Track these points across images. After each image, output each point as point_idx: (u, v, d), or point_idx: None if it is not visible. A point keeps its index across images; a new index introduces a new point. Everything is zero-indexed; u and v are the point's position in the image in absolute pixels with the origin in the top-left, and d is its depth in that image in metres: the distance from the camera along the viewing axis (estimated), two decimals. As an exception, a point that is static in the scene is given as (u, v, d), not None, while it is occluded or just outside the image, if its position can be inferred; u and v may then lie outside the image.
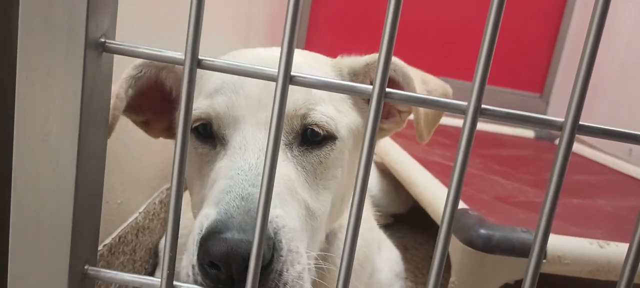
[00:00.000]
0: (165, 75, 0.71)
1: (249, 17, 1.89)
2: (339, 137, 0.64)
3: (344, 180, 0.67)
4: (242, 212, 0.51)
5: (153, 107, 0.74)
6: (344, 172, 0.67)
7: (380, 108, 0.36)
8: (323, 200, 0.64)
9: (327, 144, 0.64)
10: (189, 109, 0.38)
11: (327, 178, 0.64)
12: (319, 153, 0.63)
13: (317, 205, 0.62)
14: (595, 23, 0.34)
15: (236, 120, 0.61)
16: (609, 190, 1.68)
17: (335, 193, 0.66)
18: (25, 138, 0.39)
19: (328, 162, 0.64)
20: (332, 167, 0.65)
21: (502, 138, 2.24)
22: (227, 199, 0.53)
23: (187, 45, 0.37)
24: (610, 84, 2.53)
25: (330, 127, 0.63)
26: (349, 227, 0.38)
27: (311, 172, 0.63)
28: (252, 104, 0.61)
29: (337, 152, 0.65)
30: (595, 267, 1.00)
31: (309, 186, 0.62)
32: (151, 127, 0.77)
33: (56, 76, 0.38)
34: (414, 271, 1.41)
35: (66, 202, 0.40)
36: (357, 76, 0.71)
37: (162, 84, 0.72)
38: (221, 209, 0.52)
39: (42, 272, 0.41)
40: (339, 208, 0.71)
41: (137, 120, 0.76)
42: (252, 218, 0.50)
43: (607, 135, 0.37)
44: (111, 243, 0.93)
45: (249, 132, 0.60)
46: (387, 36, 0.35)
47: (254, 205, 0.51)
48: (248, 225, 0.49)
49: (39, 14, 0.37)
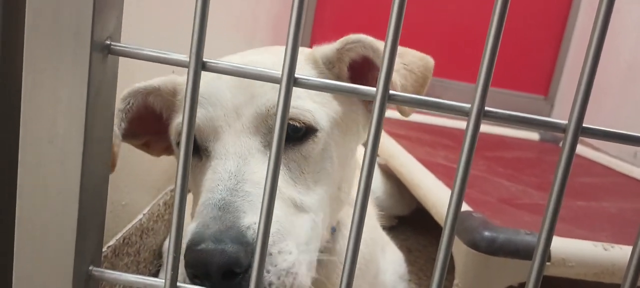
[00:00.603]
0: (152, 100, 0.73)
1: (254, 19, 1.90)
2: (320, 128, 0.64)
3: (336, 171, 0.67)
4: (217, 221, 0.52)
5: (149, 130, 0.76)
6: (333, 163, 0.66)
7: (384, 111, 0.36)
8: (315, 194, 0.63)
9: (309, 138, 0.63)
10: (193, 111, 0.38)
11: (315, 172, 0.64)
12: (300, 148, 0.63)
13: (308, 200, 0.62)
14: (598, 24, 0.34)
15: (216, 131, 0.62)
16: (613, 192, 1.67)
17: (329, 186, 0.65)
18: (31, 139, 0.39)
19: (313, 156, 0.63)
20: (318, 160, 0.64)
21: (506, 140, 2.23)
22: (205, 211, 0.54)
23: (192, 47, 0.37)
24: (615, 86, 2.52)
25: (308, 119, 0.62)
26: (352, 227, 0.38)
27: (295, 168, 0.62)
28: (228, 114, 0.62)
29: (321, 145, 0.64)
30: (599, 269, 1.00)
31: (294, 183, 0.62)
32: (152, 148, 0.80)
33: (62, 78, 0.38)
34: (417, 273, 1.41)
35: (71, 203, 0.40)
36: (332, 63, 0.71)
37: (152, 108, 0.73)
38: (199, 222, 0.53)
39: (47, 272, 0.42)
40: (338, 198, 0.70)
41: (136, 144, 0.79)
42: (226, 226, 0.51)
43: (611, 137, 0.37)
44: (115, 245, 0.93)
45: (229, 142, 0.61)
46: (391, 37, 0.35)
47: (230, 214, 0.52)
48: (222, 234, 0.50)
49: (45, 16, 0.37)
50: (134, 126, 0.73)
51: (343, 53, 0.70)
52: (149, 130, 0.76)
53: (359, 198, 0.38)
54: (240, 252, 0.49)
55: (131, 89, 0.71)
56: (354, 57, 0.70)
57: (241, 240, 0.50)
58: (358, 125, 0.72)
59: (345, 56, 0.70)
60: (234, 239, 0.50)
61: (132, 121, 0.72)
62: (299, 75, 0.37)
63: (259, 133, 0.62)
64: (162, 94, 0.72)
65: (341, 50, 0.70)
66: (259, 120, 0.61)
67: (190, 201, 0.68)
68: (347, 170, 0.70)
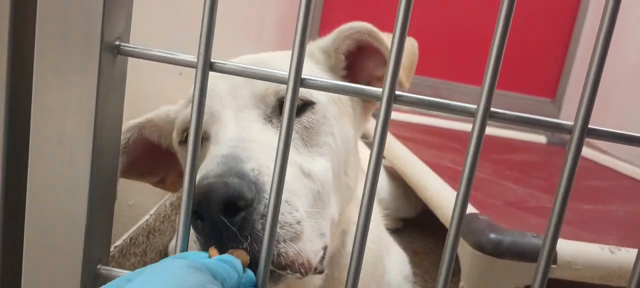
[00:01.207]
0: (148, 133, 0.74)
1: (261, 20, 1.90)
2: (317, 101, 0.64)
3: (339, 148, 0.66)
4: (221, 165, 0.51)
5: (158, 164, 0.78)
6: (336, 139, 0.66)
7: (390, 111, 0.36)
8: (320, 165, 0.63)
9: (307, 110, 0.64)
10: (201, 112, 0.39)
11: (319, 145, 0.64)
12: (300, 119, 0.63)
13: (314, 167, 0.61)
14: (605, 25, 0.34)
15: (213, 116, 0.62)
16: (620, 195, 1.66)
17: (333, 162, 0.65)
18: (41, 139, 0.40)
19: (313, 126, 0.63)
20: (320, 132, 0.64)
21: (513, 143, 2.23)
22: (209, 161, 0.53)
23: (200, 48, 0.37)
24: (623, 88, 2.51)
25: (304, 94, 0.63)
26: (358, 227, 0.38)
27: (298, 139, 0.63)
28: (224, 97, 0.62)
29: (319, 116, 0.64)
30: (606, 272, 1.00)
31: (298, 152, 0.62)
32: (167, 184, 0.81)
33: (72, 78, 0.39)
34: (423, 276, 1.41)
35: (80, 203, 0.41)
36: (329, 54, 0.72)
37: (150, 140, 0.74)
38: (203, 169, 0.52)
39: (56, 270, 0.42)
40: (346, 184, 0.69)
41: (153, 182, 0.80)
42: (230, 166, 0.50)
43: (617, 138, 0.37)
44: (122, 245, 0.94)
45: (228, 118, 0.61)
46: (397, 40, 0.35)
47: (234, 162, 0.51)
48: (225, 172, 0.49)
49: (55, 17, 0.38)
50: (142, 164, 0.75)
51: (338, 42, 0.71)
52: (158, 164, 0.78)
53: (365, 199, 0.38)
54: (242, 184, 0.48)
55: (126, 126, 0.72)
56: (350, 45, 0.71)
57: (243, 176, 0.49)
58: (354, 110, 0.73)
59: (342, 44, 0.71)
60: (236, 174, 0.49)
61: (138, 158, 0.73)
62: (306, 76, 0.37)
63: (257, 108, 0.62)
64: (157, 123, 0.73)
65: (336, 40, 0.71)
66: (256, 98, 0.62)
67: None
68: (350, 155, 0.70)
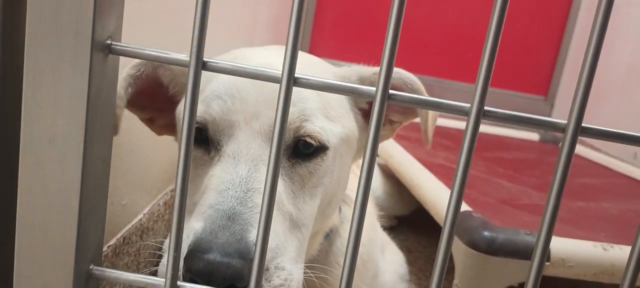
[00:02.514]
0: (162, 72, 0.72)
1: (254, 19, 1.90)
2: (331, 146, 0.64)
3: (331, 186, 0.68)
4: (226, 232, 0.52)
5: (155, 104, 0.76)
6: (332, 178, 0.67)
7: (383, 111, 0.36)
8: (308, 209, 0.64)
9: (318, 155, 0.64)
10: (194, 111, 0.39)
11: (315, 186, 0.64)
12: (308, 165, 0.63)
13: (301, 216, 0.62)
14: (598, 24, 0.34)
15: (231, 126, 0.61)
16: (613, 193, 1.67)
17: (322, 201, 0.66)
18: (32, 139, 0.39)
19: (318, 171, 0.64)
20: (321, 176, 0.65)
21: (506, 141, 2.23)
22: (214, 217, 0.53)
23: (192, 47, 0.37)
24: (616, 87, 2.52)
25: (323, 138, 0.63)
26: (352, 226, 0.38)
27: (298, 182, 0.63)
28: (247, 110, 0.61)
29: (327, 163, 0.65)
30: (599, 269, 1.00)
31: (294, 196, 0.62)
32: (155, 124, 0.80)
33: (63, 77, 0.38)
34: (417, 273, 1.41)
35: (72, 203, 0.40)
36: (363, 82, 0.73)
37: (160, 81, 0.73)
38: (206, 226, 0.53)
39: (48, 271, 0.42)
40: (325, 212, 0.70)
41: (142, 117, 0.79)
42: (235, 239, 0.51)
43: (610, 137, 0.37)
44: (115, 244, 0.93)
45: (243, 141, 0.60)
46: (391, 38, 0.35)
47: (239, 226, 0.52)
48: (231, 246, 0.50)
49: (46, 16, 0.37)
50: (141, 98, 0.73)
51: (375, 79, 0.73)
52: (155, 104, 0.76)
53: (358, 198, 0.38)
54: (245, 267, 0.49)
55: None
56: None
57: (247, 256, 0.50)
58: (360, 143, 0.73)
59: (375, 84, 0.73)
60: (242, 254, 0.50)
61: (141, 91, 0.72)
62: (300, 75, 0.37)
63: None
64: (173, 69, 0.72)
65: (376, 75, 0.73)
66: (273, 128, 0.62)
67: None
68: (340, 188, 0.71)
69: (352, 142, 0.71)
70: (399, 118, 0.78)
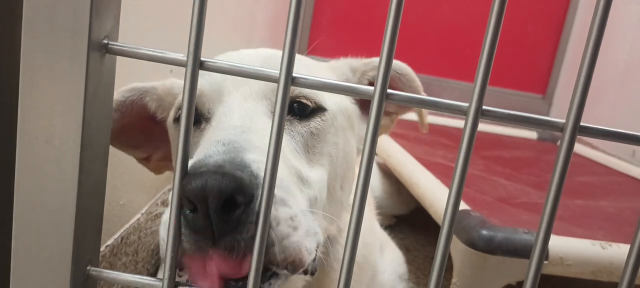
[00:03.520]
0: (148, 99, 0.72)
1: (252, 18, 1.89)
2: (328, 109, 0.64)
3: (339, 161, 0.65)
4: (220, 153, 0.48)
5: (147, 140, 0.77)
6: (338, 152, 0.65)
7: (382, 109, 0.36)
8: (317, 173, 0.61)
9: (317, 115, 0.63)
10: (191, 110, 0.38)
11: (320, 154, 0.62)
12: (308, 123, 0.62)
13: (311, 175, 0.59)
14: (596, 23, 0.34)
15: (221, 94, 0.59)
16: (611, 191, 1.67)
17: (330, 175, 0.63)
18: (29, 138, 0.39)
19: (320, 133, 0.62)
20: (325, 141, 0.63)
21: (504, 139, 2.24)
22: (208, 145, 0.50)
23: (190, 46, 0.37)
24: (614, 85, 2.53)
25: (318, 97, 0.63)
26: (350, 229, 0.38)
27: (301, 142, 0.61)
28: (237, 79, 0.59)
29: (328, 124, 0.63)
30: (597, 268, 1.00)
31: (299, 156, 0.60)
32: (151, 162, 0.80)
33: (59, 77, 0.38)
34: (415, 272, 1.41)
35: (69, 203, 0.40)
36: (355, 73, 0.74)
37: (147, 109, 0.73)
38: (201, 153, 0.49)
39: (45, 272, 0.42)
40: (339, 197, 0.67)
41: (138, 157, 0.79)
42: (231, 158, 0.47)
43: (608, 136, 0.37)
44: (113, 244, 0.93)
45: (235, 102, 0.58)
46: (389, 37, 0.35)
47: (235, 153, 0.48)
48: (226, 163, 0.46)
49: (42, 15, 0.37)
50: (132, 134, 0.73)
51: (368, 69, 0.74)
52: (147, 140, 0.77)
53: (357, 197, 0.38)
54: (243, 177, 0.44)
55: (129, 85, 0.72)
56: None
57: (244, 168, 0.46)
58: (359, 129, 0.73)
59: (371, 72, 0.74)
60: (238, 167, 0.46)
61: (131, 126, 0.72)
62: (297, 74, 0.37)
63: (266, 99, 0.60)
64: (159, 93, 0.72)
65: (368, 65, 0.74)
66: (267, 88, 0.60)
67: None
68: (348, 171, 0.69)
69: (351, 118, 0.70)
70: (395, 108, 0.78)
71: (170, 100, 0.71)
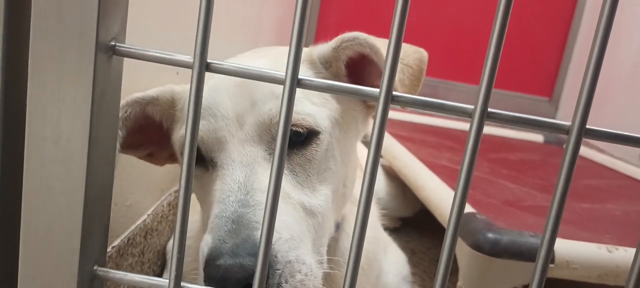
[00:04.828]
0: (151, 110, 0.72)
1: (259, 21, 1.90)
2: (322, 130, 0.64)
3: (340, 168, 0.67)
4: (233, 235, 0.53)
5: (151, 140, 0.77)
6: (337, 161, 0.67)
7: (387, 112, 0.36)
8: (321, 194, 0.64)
9: (312, 141, 0.64)
10: (197, 113, 0.39)
11: (321, 173, 0.64)
12: (304, 152, 0.63)
13: (315, 202, 0.62)
14: (602, 24, 0.34)
15: (220, 142, 0.62)
16: (618, 194, 1.66)
17: (334, 183, 0.66)
18: (37, 140, 0.40)
19: (317, 158, 0.64)
20: (323, 161, 0.65)
21: (511, 142, 2.23)
22: (220, 225, 0.55)
23: (196, 48, 0.37)
24: (621, 87, 2.51)
25: (310, 122, 0.63)
26: (355, 229, 0.38)
27: (301, 172, 0.63)
28: (231, 124, 0.62)
29: (324, 145, 0.64)
30: (603, 271, 1.00)
31: (302, 186, 0.63)
32: (155, 158, 0.80)
33: (67, 79, 0.38)
34: (421, 275, 1.41)
35: (76, 203, 0.40)
36: (329, 62, 0.71)
37: (152, 118, 0.73)
38: (215, 235, 0.54)
39: (52, 272, 0.42)
40: (343, 194, 0.70)
41: (140, 155, 0.79)
42: (242, 240, 0.52)
43: (615, 138, 0.37)
44: (120, 245, 0.93)
45: (234, 151, 0.61)
46: (394, 39, 0.35)
47: (244, 227, 0.53)
48: (239, 247, 0.52)
49: (50, 17, 0.37)
50: (135, 137, 0.73)
51: (339, 51, 0.70)
52: (151, 140, 0.77)
53: (362, 199, 0.38)
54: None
55: (129, 99, 0.71)
56: (351, 55, 0.70)
57: (257, 253, 0.50)
58: (357, 121, 0.72)
59: (342, 54, 0.70)
60: (250, 252, 0.51)
61: (132, 131, 0.72)
62: (302, 77, 0.37)
63: (263, 141, 0.62)
64: (161, 104, 0.72)
65: (337, 49, 0.70)
66: (262, 129, 0.62)
67: (193, 201, 0.68)
68: (349, 167, 0.71)
69: (347, 120, 0.69)
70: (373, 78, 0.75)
71: (172, 113, 0.72)
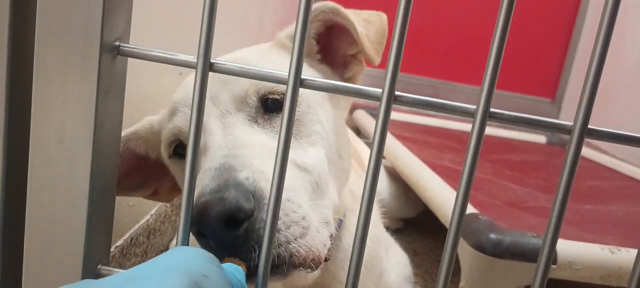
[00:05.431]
0: (134, 146, 0.73)
1: (260, 21, 1.90)
2: (299, 93, 0.64)
3: (329, 135, 0.67)
4: (215, 179, 0.51)
5: (151, 176, 0.77)
6: (324, 126, 0.66)
7: (389, 112, 0.36)
8: (314, 155, 0.63)
9: None
10: (201, 111, 0.39)
11: (308, 135, 0.64)
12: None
13: (308, 160, 0.61)
14: (604, 25, 0.34)
15: None
16: (621, 195, 1.66)
17: (325, 149, 0.65)
18: (41, 139, 0.40)
19: (299, 117, 0.63)
20: (307, 122, 0.64)
21: (513, 143, 2.23)
22: (203, 176, 0.53)
23: (200, 48, 0.37)
24: (623, 88, 2.51)
25: (282, 87, 0.63)
26: (358, 229, 0.38)
27: None
28: (206, 107, 0.62)
29: (304, 107, 0.64)
30: (606, 272, 1.00)
31: (292, 147, 0.61)
32: (160, 194, 0.80)
33: (72, 79, 0.39)
34: (423, 276, 1.41)
35: (80, 203, 0.41)
36: None
37: (138, 153, 0.74)
38: (199, 186, 0.52)
39: (56, 271, 0.42)
40: (342, 167, 0.69)
41: (145, 195, 0.79)
42: (225, 180, 0.50)
43: (617, 139, 0.37)
44: (123, 245, 0.94)
45: (213, 125, 0.61)
46: (397, 40, 0.35)
47: (227, 172, 0.51)
48: (221, 186, 0.49)
49: (55, 17, 0.38)
50: (134, 178, 0.74)
51: None
52: (150, 176, 0.77)
53: (364, 199, 0.38)
54: (239, 196, 0.47)
55: None
56: (318, 28, 0.71)
57: (239, 187, 0.49)
58: (339, 99, 0.73)
59: (309, 29, 0.70)
60: (233, 186, 0.48)
61: (129, 172, 0.73)
62: (306, 77, 0.37)
63: (241, 111, 0.62)
64: (142, 136, 0.73)
65: None
66: (238, 101, 0.62)
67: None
68: (340, 137, 0.70)
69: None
70: (354, 49, 0.75)
71: (156, 138, 0.72)
